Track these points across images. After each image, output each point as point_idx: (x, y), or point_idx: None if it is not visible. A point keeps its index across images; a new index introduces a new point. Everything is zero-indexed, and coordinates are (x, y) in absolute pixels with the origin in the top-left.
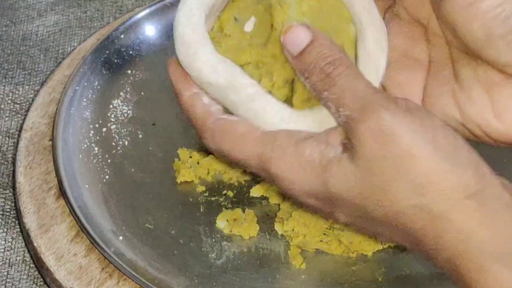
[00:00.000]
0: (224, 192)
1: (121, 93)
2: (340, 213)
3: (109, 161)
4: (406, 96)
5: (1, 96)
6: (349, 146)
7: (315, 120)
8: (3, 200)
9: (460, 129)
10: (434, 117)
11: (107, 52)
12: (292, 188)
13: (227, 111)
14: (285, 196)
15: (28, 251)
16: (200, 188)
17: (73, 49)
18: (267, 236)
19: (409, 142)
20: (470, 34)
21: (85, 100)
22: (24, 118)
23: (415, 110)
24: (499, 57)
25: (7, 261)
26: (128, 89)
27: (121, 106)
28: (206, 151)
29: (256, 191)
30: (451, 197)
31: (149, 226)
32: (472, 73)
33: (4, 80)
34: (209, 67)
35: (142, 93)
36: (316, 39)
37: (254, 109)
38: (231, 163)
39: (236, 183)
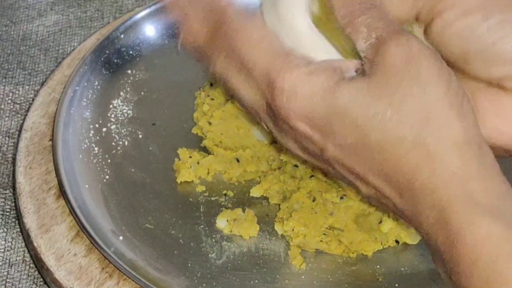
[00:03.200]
0: (224, 192)
1: (121, 93)
2: (330, 143)
3: (109, 161)
4: None
5: (1, 96)
6: (367, 67)
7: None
8: (3, 200)
9: None
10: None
11: (107, 52)
12: (291, 106)
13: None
14: (274, 118)
15: (28, 251)
16: (200, 188)
17: (73, 49)
18: (267, 236)
19: (431, 70)
20: (450, 54)
21: (85, 100)
22: (24, 118)
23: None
24: (478, 73)
25: (7, 261)
26: (128, 89)
27: (121, 106)
28: (206, 151)
29: (256, 191)
30: (451, 138)
31: (149, 226)
32: (459, 77)
33: (4, 80)
34: None
35: (142, 93)
36: None
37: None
38: (232, 70)
39: (236, 183)
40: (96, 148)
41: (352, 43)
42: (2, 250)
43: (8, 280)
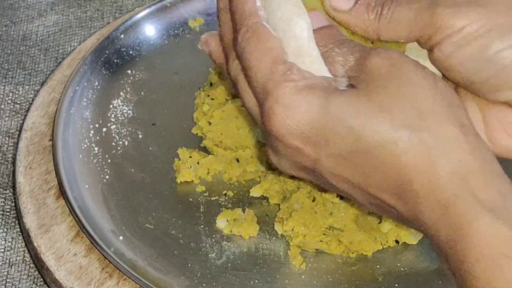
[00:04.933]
0: (224, 192)
1: (121, 93)
2: (323, 155)
3: (109, 161)
4: None
5: (1, 96)
6: (355, 82)
7: None
8: (3, 200)
9: None
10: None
11: (107, 52)
12: (284, 121)
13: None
14: (266, 134)
15: (28, 251)
16: (200, 188)
17: (73, 49)
18: (267, 236)
19: (415, 72)
20: (455, 80)
21: (85, 100)
22: (24, 118)
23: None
24: (485, 96)
25: (7, 261)
26: (128, 89)
27: (121, 106)
28: (206, 151)
29: (256, 191)
30: (447, 133)
31: (149, 226)
32: (465, 93)
33: (4, 80)
34: None
35: (142, 93)
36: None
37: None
38: (245, 71)
39: (236, 183)
40: (96, 148)
41: None
42: (2, 250)
43: (8, 280)
